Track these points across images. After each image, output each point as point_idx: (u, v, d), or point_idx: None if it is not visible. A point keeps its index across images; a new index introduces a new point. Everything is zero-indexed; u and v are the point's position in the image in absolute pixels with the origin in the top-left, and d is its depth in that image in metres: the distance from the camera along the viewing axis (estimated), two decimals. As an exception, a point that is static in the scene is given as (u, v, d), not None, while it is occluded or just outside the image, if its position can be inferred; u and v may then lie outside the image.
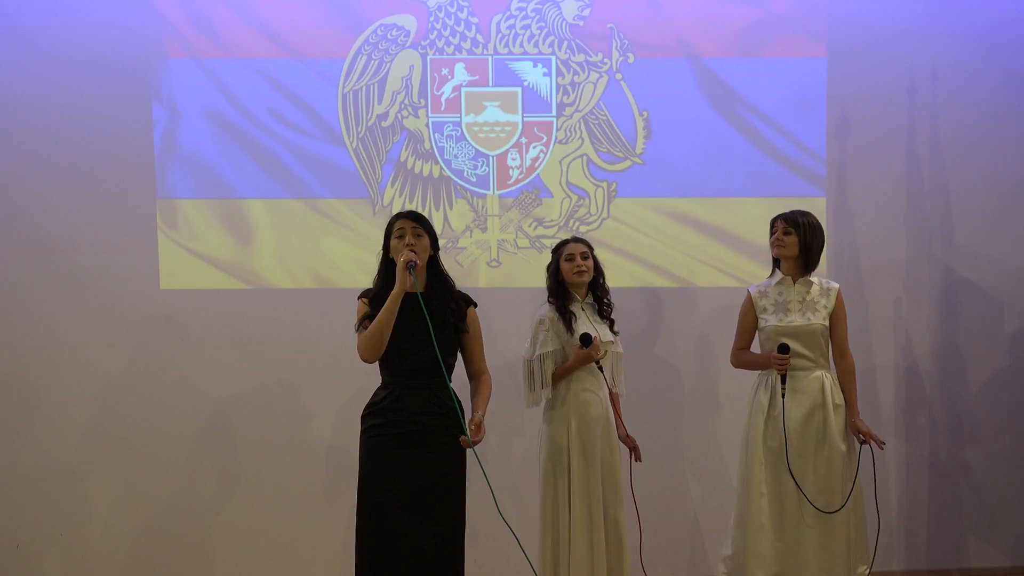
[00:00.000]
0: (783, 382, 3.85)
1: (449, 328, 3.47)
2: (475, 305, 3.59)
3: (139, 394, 4.66)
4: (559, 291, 3.99)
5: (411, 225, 3.47)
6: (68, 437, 4.65)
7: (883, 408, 4.81)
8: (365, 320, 3.43)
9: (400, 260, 3.37)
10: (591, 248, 4.02)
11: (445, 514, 3.40)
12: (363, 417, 3.50)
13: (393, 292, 3.35)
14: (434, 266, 3.53)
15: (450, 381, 3.46)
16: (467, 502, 3.51)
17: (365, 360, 3.43)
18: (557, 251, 4.03)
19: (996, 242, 4.85)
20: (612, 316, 4.03)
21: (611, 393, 4.03)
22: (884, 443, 3.88)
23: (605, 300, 4.03)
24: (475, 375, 3.61)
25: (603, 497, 3.89)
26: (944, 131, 4.81)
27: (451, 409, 3.43)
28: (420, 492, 3.36)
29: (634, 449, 4.06)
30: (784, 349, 3.83)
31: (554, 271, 4.00)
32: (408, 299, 3.38)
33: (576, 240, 4.03)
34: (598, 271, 4.02)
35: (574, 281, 3.96)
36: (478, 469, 3.42)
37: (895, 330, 4.84)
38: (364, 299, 3.50)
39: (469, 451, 3.46)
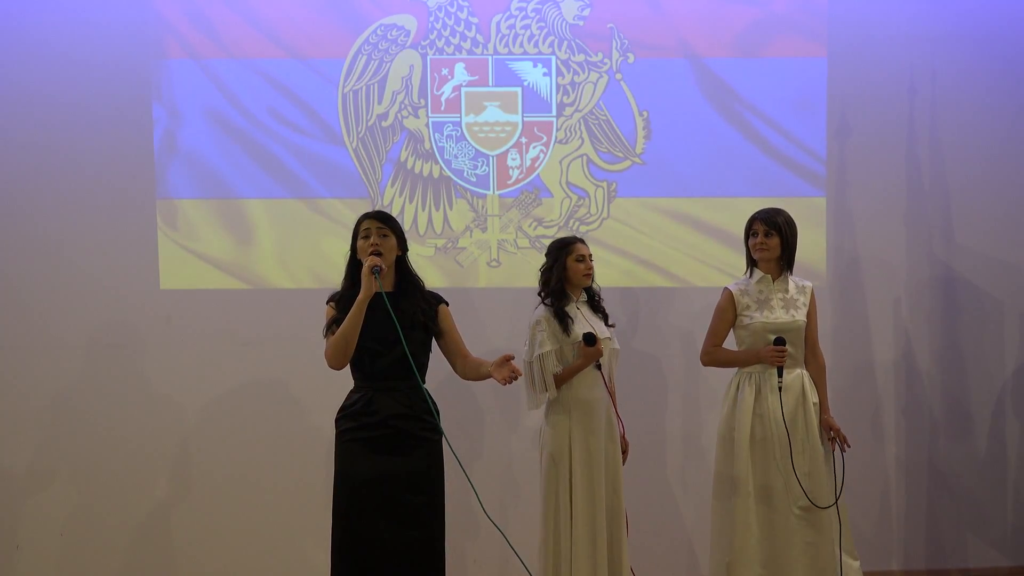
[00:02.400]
0: (780, 375, 3.84)
1: (419, 327, 3.41)
2: (446, 304, 3.54)
3: (139, 394, 4.66)
4: (559, 291, 3.98)
5: (376, 225, 3.42)
6: (68, 437, 4.65)
7: (883, 407, 4.82)
8: (332, 325, 3.40)
9: (364, 265, 3.32)
10: None
11: (423, 518, 3.36)
12: (337, 420, 3.46)
13: (358, 299, 3.30)
14: (402, 266, 3.48)
15: (424, 382, 3.41)
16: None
17: (332, 367, 3.39)
18: (563, 250, 3.97)
19: (996, 242, 4.85)
20: (605, 310, 4.01)
21: (609, 391, 4.03)
22: (849, 446, 3.89)
23: (597, 297, 4.02)
24: (463, 360, 3.52)
25: (605, 496, 3.89)
26: (944, 131, 4.81)
27: (424, 411, 3.39)
28: (396, 496, 3.33)
29: (624, 451, 4.03)
30: (780, 341, 3.84)
31: (560, 270, 3.95)
32: (376, 300, 3.32)
33: (582, 241, 4.01)
34: None
35: (581, 282, 3.95)
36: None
37: (895, 330, 4.84)
38: (332, 303, 3.46)
39: (449, 453, 3.41)
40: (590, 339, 3.84)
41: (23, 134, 4.62)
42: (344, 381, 3.54)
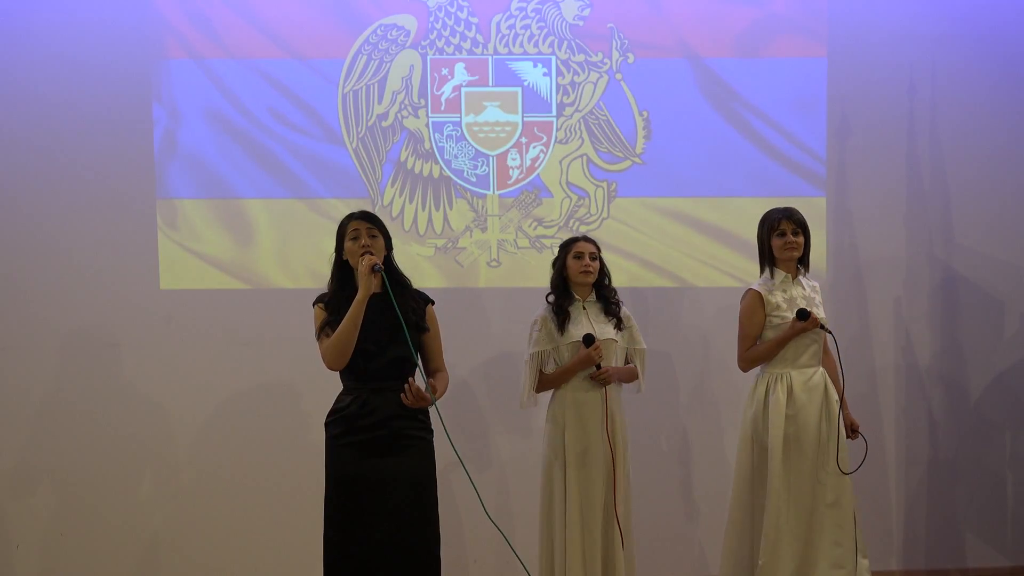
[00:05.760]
0: (825, 329, 3.87)
1: (411, 327, 3.40)
2: (433, 303, 3.53)
3: (139, 394, 4.66)
4: (562, 288, 3.98)
5: (366, 226, 3.41)
6: (68, 437, 4.65)
7: (883, 408, 4.82)
8: (327, 327, 3.38)
9: (363, 264, 3.30)
10: (599, 249, 4.01)
11: (417, 520, 3.34)
12: (327, 424, 3.44)
13: (357, 298, 3.29)
14: (389, 266, 3.47)
15: (425, 379, 3.40)
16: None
17: (332, 368, 3.37)
18: (566, 247, 4.01)
19: (996, 242, 4.85)
20: (621, 315, 3.99)
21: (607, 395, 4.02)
22: (860, 435, 4.01)
23: (612, 300, 4.01)
24: (431, 373, 3.51)
25: (604, 501, 3.88)
26: (944, 131, 4.81)
27: (419, 409, 3.38)
28: (391, 498, 3.30)
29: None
30: (803, 315, 3.82)
31: (560, 267, 3.99)
32: (368, 300, 3.32)
33: (586, 239, 4.01)
34: (603, 272, 4.01)
35: (578, 280, 3.95)
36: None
37: (895, 330, 4.84)
38: (321, 304, 3.44)
39: (440, 452, 3.41)
40: (588, 339, 3.84)
41: (23, 134, 4.62)
42: (345, 380, 3.53)
